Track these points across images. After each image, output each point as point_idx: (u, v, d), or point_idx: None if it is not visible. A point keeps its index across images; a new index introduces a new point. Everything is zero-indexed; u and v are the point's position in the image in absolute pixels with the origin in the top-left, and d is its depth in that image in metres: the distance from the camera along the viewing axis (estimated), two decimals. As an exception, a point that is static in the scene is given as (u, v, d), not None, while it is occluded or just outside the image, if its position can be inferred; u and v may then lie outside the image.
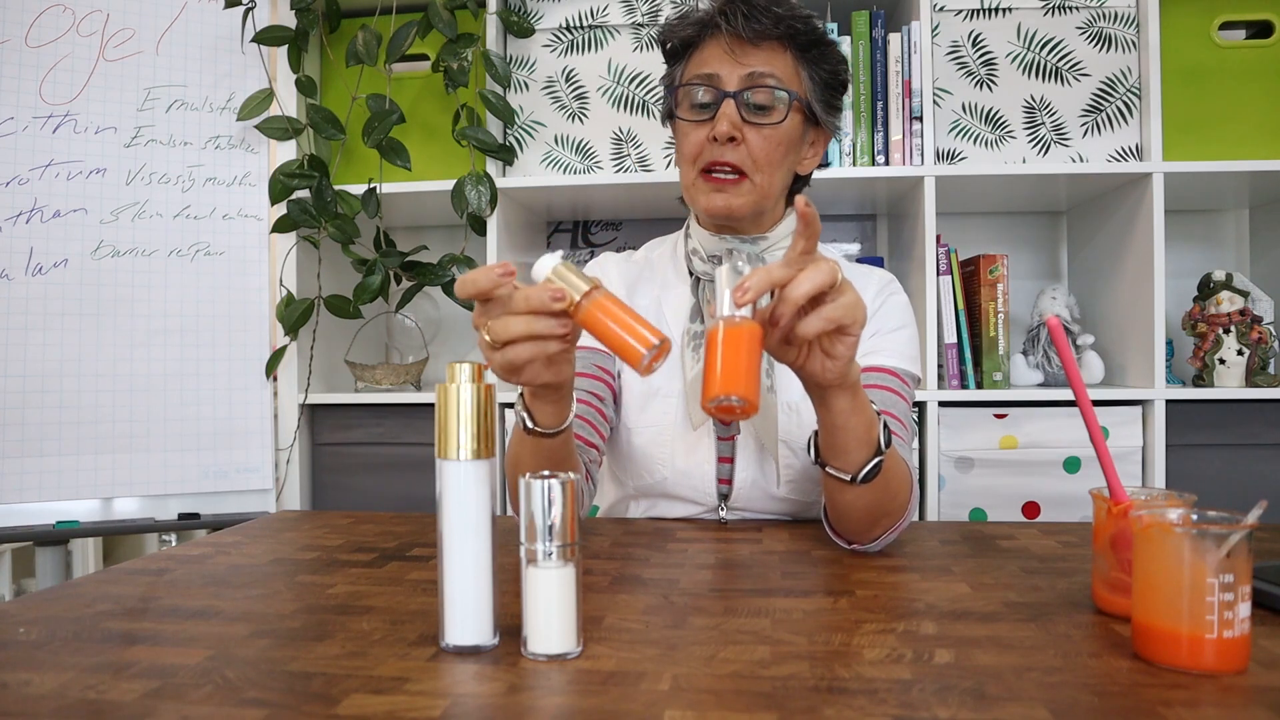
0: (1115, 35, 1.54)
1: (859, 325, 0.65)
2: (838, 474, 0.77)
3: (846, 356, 0.66)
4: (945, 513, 1.54)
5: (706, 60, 0.94)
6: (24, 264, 1.48)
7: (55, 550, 1.55)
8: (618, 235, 1.98)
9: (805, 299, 0.61)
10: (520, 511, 0.54)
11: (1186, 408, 1.51)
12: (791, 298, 0.61)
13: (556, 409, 0.74)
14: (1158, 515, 0.53)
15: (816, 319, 0.63)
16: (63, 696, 0.48)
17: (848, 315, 0.63)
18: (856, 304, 0.64)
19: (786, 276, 0.61)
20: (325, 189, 1.61)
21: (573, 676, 0.51)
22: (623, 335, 0.60)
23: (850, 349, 0.66)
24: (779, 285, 0.62)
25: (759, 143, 0.91)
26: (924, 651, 0.54)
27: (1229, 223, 1.84)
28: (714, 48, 0.93)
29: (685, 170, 0.96)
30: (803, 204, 0.62)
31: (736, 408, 0.60)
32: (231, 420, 1.59)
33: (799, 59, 0.93)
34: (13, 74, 1.50)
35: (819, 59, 0.95)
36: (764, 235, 0.98)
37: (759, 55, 0.91)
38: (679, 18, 0.97)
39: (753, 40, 0.91)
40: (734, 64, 0.91)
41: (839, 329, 0.64)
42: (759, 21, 0.90)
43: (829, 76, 0.96)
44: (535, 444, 0.77)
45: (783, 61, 0.92)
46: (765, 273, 0.61)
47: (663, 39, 0.99)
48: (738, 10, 0.90)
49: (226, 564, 0.80)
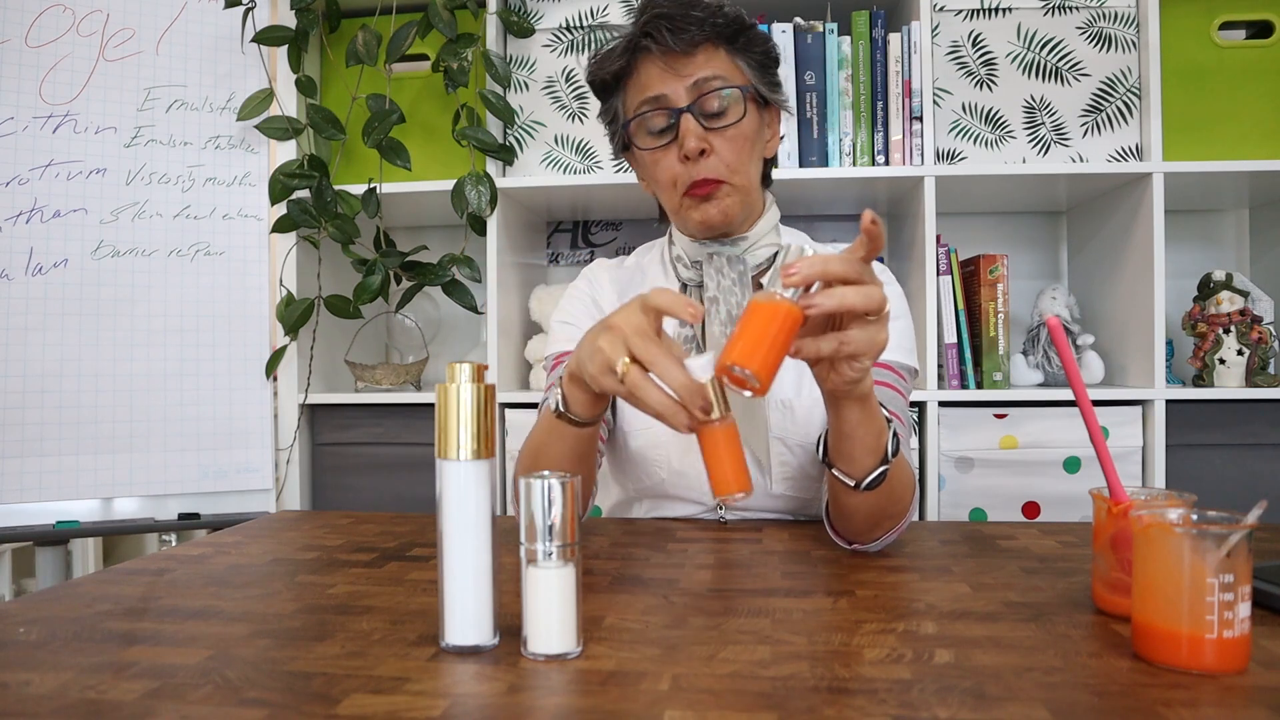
0: (1115, 35, 1.54)
1: (872, 358, 0.65)
2: (843, 478, 0.77)
3: (851, 378, 0.66)
4: (945, 513, 1.54)
5: (646, 84, 0.92)
6: (24, 264, 1.48)
7: (55, 550, 1.55)
8: (618, 235, 1.98)
9: (849, 310, 0.61)
10: (520, 511, 0.54)
11: (1186, 408, 1.51)
12: (838, 296, 0.60)
13: (593, 400, 0.74)
14: (1158, 515, 0.53)
15: (831, 341, 0.62)
16: (63, 696, 0.48)
17: (865, 347, 0.63)
18: (877, 341, 0.64)
19: (841, 274, 0.61)
20: (325, 189, 1.61)
21: (573, 676, 0.51)
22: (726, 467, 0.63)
23: (857, 373, 0.66)
24: (832, 279, 0.61)
25: (727, 147, 0.91)
26: (924, 651, 0.54)
27: (1229, 223, 1.84)
28: (649, 69, 0.92)
29: (668, 196, 0.96)
30: (869, 220, 0.60)
31: (748, 382, 0.60)
32: (231, 420, 1.59)
33: (731, 51, 0.93)
34: (13, 74, 1.50)
35: (748, 45, 0.94)
36: (744, 236, 0.97)
37: (695, 62, 0.90)
38: (602, 54, 0.96)
39: (685, 50, 0.90)
40: (676, 78, 0.90)
41: (849, 356, 0.64)
42: (686, 31, 0.89)
43: (762, 57, 0.95)
44: (563, 432, 0.77)
45: (719, 60, 0.91)
46: (822, 262, 0.60)
47: (592, 79, 0.98)
48: (661, 26, 0.89)
49: (226, 564, 0.80)
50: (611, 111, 0.99)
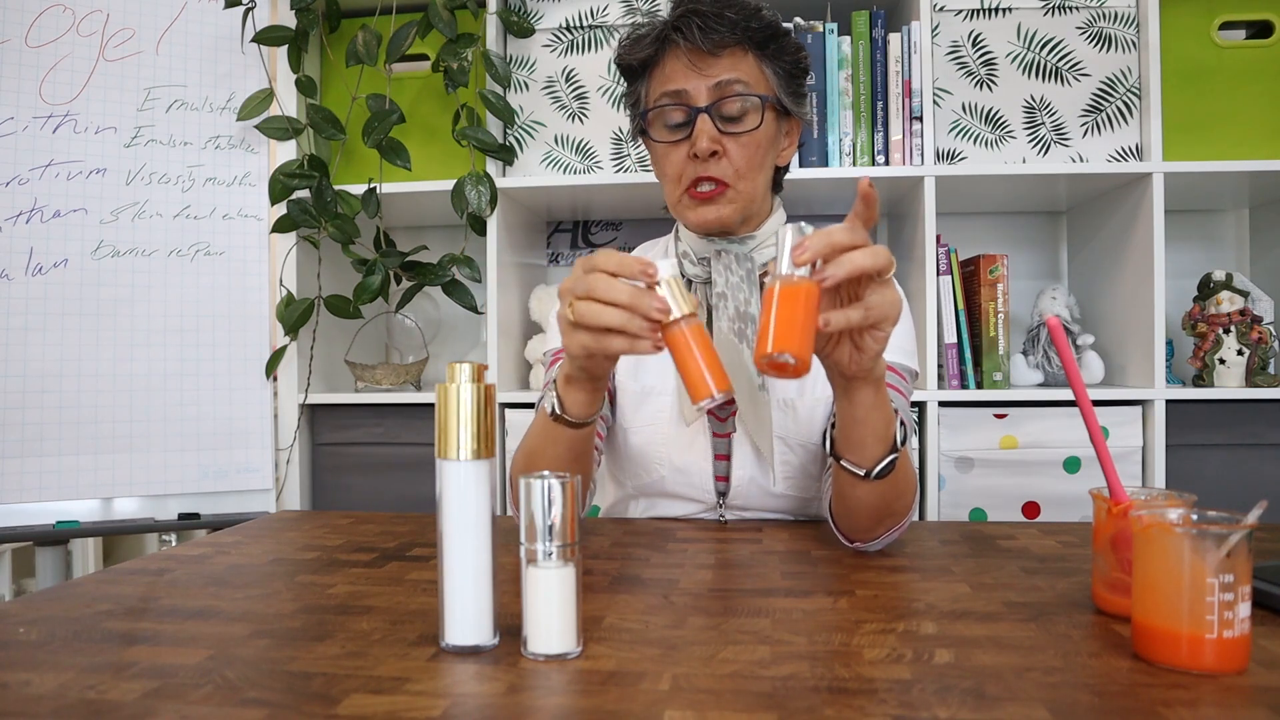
0: (1115, 35, 1.54)
1: (891, 323, 0.65)
2: (852, 468, 0.77)
3: (875, 351, 0.67)
4: (945, 513, 1.54)
5: (670, 76, 0.92)
6: (24, 264, 1.48)
7: (55, 550, 1.55)
8: (618, 235, 1.98)
9: (859, 272, 0.61)
10: (520, 511, 0.54)
11: (1186, 408, 1.51)
12: (849, 262, 0.61)
13: (590, 399, 0.75)
14: (1158, 515, 0.53)
15: (859, 309, 0.63)
16: (63, 696, 0.48)
17: (886, 311, 0.63)
18: (895, 301, 0.64)
19: (848, 242, 0.61)
20: (325, 189, 1.61)
21: (573, 676, 0.51)
22: (701, 370, 0.62)
23: (880, 344, 0.66)
24: (839, 250, 0.61)
25: (739, 152, 0.91)
26: (924, 651, 0.54)
27: (1229, 223, 1.84)
28: (675, 62, 0.92)
29: (670, 189, 0.96)
30: (866, 184, 0.62)
31: (789, 365, 0.60)
32: (231, 420, 1.59)
33: (760, 57, 0.92)
34: (13, 74, 1.50)
35: (778, 52, 0.93)
36: (751, 235, 0.98)
37: (722, 63, 0.90)
38: (633, 38, 0.96)
39: (712, 51, 0.90)
40: (699, 77, 0.90)
41: (872, 326, 0.64)
42: (716, 31, 0.89)
43: (791, 66, 0.95)
44: (559, 434, 0.77)
45: (746, 65, 0.91)
46: (826, 235, 0.61)
47: (619, 61, 0.98)
48: (692, 24, 0.89)
49: (226, 564, 0.80)
50: (635, 96, 0.99)
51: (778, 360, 0.60)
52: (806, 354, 0.60)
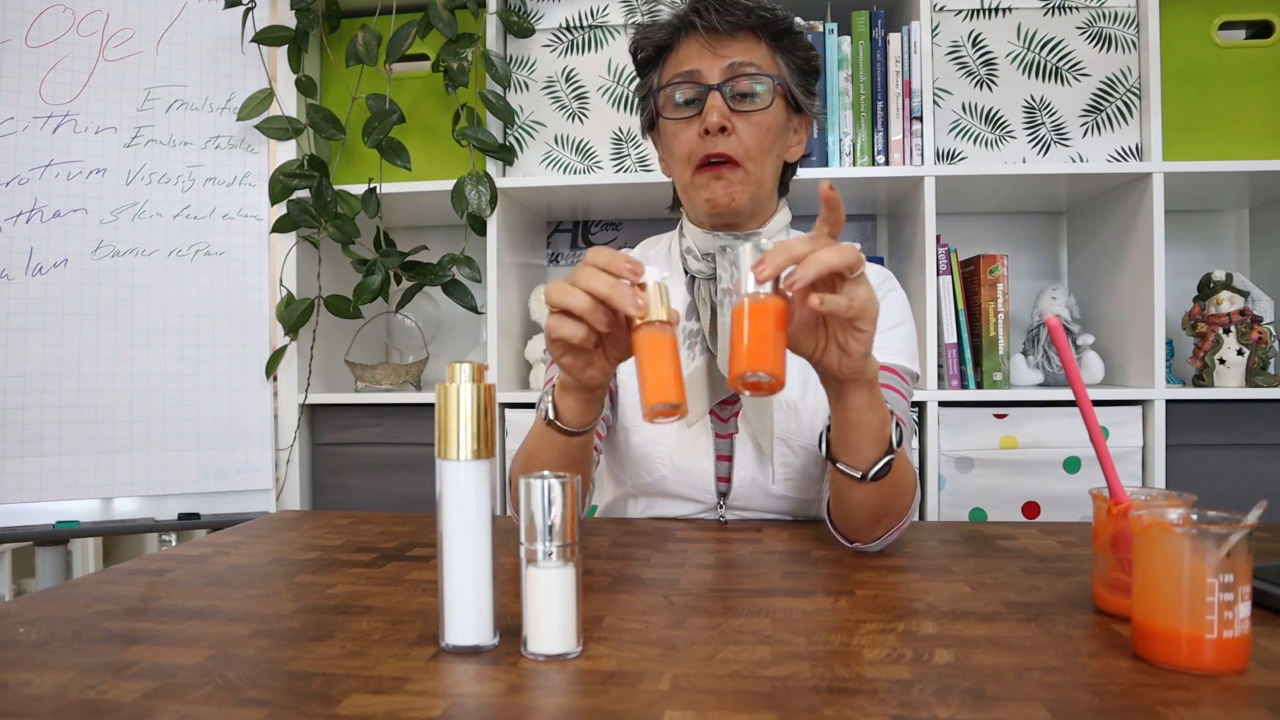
0: (1115, 35, 1.54)
1: (870, 321, 0.65)
2: (848, 470, 0.77)
3: (861, 352, 0.67)
4: (945, 513, 1.54)
5: (684, 59, 0.95)
6: (24, 264, 1.48)
7: (55, 550, 1.55)
8: (618, 235, 1.98)
9: (827, 270, 0.61)
10: (520, 511, 0.54)
11: (1186, 408, 1.51)
12: (813, 263, 0.60)
13: (584, 408, 0.75)
14: (1158, 515, 0.53)
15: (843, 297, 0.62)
16: (63, 696, 0.48)
17: (865, 305, 0.63)
18: (873, 298, 0.64)
19: (808, 250, 0.61)
20: (325, 189, 1.61)
21: (573, 676, 0.51)
22: (656, 375, 0.61)
23: (864, 344, 0.66)
24: (799, 260, 0.61)
25: (749, 130, 0.93)
26: (924, 651, 0.54)
27: (1229, 223, 1.84)
28: (690, 46, 0.95)
29: (680, 171, 0.97)
30: (827, 188, 0.62)
31: (764, 383, 0.60)
32: (231, 420, 1.59)
33: (773, 47, 0.96)
34: (13, 74, 1.50)
35: (791, 46, 0.97)
36: (756, 231, 0.98)
37: (736, 46, 0.93)
38: (648, 25, 0.99)
39: (728, 32, 0.93)
40: (713, 57, 0.93)
41: (851, 323, 0.64)
42: (732, 14, 0.92)
43: (802, 63, 0.98)
44: (553, 440, 0.77)
45: (759, 51, 0.94)
46: (785, 248, 0.61)
47: (635, 48, 1.01)
48: (710, 6, 0.92)
49: (226, 564, 0.80)
50: (647, 85, 1.01)
51: (751, 380, 0.60)
52: (780, 370, 0.60)
